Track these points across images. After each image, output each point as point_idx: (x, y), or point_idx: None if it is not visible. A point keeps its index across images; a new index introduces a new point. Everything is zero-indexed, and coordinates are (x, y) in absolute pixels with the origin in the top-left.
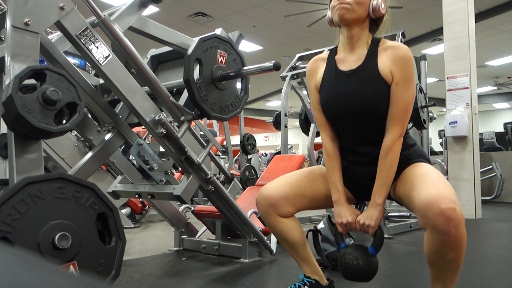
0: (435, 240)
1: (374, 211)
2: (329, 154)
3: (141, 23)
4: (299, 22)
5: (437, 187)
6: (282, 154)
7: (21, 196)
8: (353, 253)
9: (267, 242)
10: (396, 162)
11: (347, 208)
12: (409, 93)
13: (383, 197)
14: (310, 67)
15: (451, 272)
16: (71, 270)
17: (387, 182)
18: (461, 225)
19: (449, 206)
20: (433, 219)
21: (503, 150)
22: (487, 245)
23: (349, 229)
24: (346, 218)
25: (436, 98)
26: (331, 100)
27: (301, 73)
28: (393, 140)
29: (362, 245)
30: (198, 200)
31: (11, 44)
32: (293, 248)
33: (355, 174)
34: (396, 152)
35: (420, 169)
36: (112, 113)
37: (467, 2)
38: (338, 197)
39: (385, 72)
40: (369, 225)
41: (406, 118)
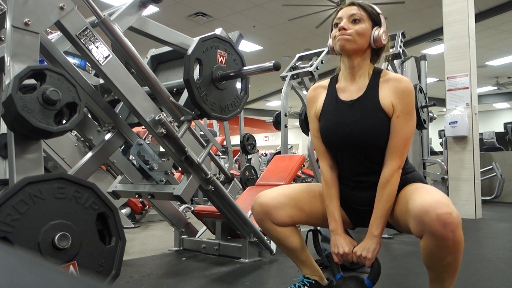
0: (432, 245)
1: (371, 243)
2: (327, 182)
3: (141, 23)
4: (299, 22)
5: (431, 194)
6: (282, 154)
7: (21, 196)
8: (349, 285)
9: (267, 242)
10: (394, 194)
11: (344, 238)
12: (410, 126)
13: (380, 229)
14: (311, 95)
15: (449, 274)
16: (71, 270)
17: (384, 214)
18: (458, 229)
19: (445, 211)
20: (430, 224)
21: (503, 150)
22: (487, 245)
23: (345, 259)
24: (343, 249)
25: (436, 98)
26: (331, 129)
27: (301, 73)
28: (391, 172)
29: (358, 277)
30: (198, 200)
31: (11, 44)
32: (292, 253)
33: (352, 198)
34: (394, 184)
35: (415, 185)
36: (112, 113)
37: (467, 2)
38: (335, 227)
39: (386, 104)
40: (366, 257)
41: (405, 150)
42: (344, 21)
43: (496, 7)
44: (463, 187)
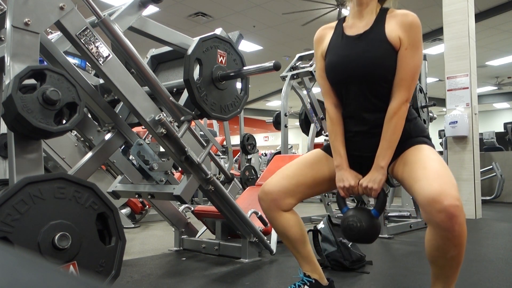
0: (437, 236)
1: (377, 174)
2: (332, 120)
3: (141, 23)
4: (299, 22)
5: (440, 180)
6: (282, 154)
7: (21, 196)
8: (356, 215)
9: (267, 242)
10: (401, 127)
11: (349, 172)
12: (417, 59)
13: (387, 160)
14: (318, 35)
15: (452, 269)
16: (71, 270)
17: (391, 145)
18: (463, 222)
19: (453, 203)
20: (436, 216)
21: (503, 150)
22: (487, 245)
23: (351, 193)
24: (349, 182)
25: (436, 98)
26: (337, 62)
27: (301, 73)
28: (399, 104)
29: (365, 208)
30: (198, 200)
31: (11, 44)
32: (294, 245)
33: (355, 145)
34: (401, 117)
35: (422, 155)
36: (112, 113)
37: (467, 2)
38: (340, 162)
39: (393, 37)
40: (372, 188)
41: (412, 84)
42: None
43: (496, 7)
44: (463, 187)
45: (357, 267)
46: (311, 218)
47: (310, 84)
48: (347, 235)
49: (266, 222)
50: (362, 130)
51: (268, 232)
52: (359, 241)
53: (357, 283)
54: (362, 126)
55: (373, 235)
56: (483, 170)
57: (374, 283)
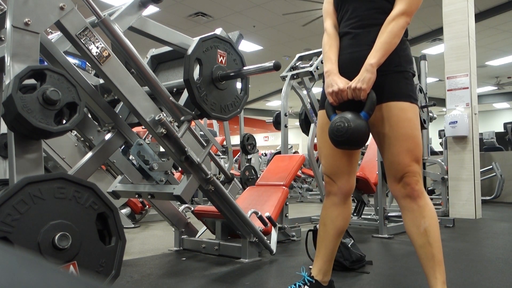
0: (405, 211)
1: (366, 73)
2: (329, 34)
3: (141, 23)
4: (299, 22)
5: (404, 157)
6: (282, 154)
7: (21, 196)
8: (344, 117)
9: (267, 242)
10: (396, 34)
11: (338, 76)
12: None
13: (377, 60)
14: None
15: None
16: (71, 270)
17: (384, 47)
18: (422, 194)
19: (413, 180)
20: (398, 190)
21: (503, 150)
22: (487, 245)
23: (340, 98)
24: (338, 86)
25: (436, 98)
26: None
27: (301, 73)
28: (397, 13)
29: (354, 111)
30: (198, 200)
31: (11, 44)
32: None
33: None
34: (399, 24)
35: (404, 126)
36: (112, 113)
37: (467, 2)
38: (330, 67)
39: None
40: (361, 88)
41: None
42: None
43: (496, 7)
44: (463, 187)
45: (357, 267)
46: (311, 218)
47: (310, 84)
48: (335, 138)
49: (266, 222)
50: (355, 43)
51: (268, 232)
52: (348, 144)
53: (357, 283)
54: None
55: (361, 137)
56: (483, 170)
57: (374, 283)
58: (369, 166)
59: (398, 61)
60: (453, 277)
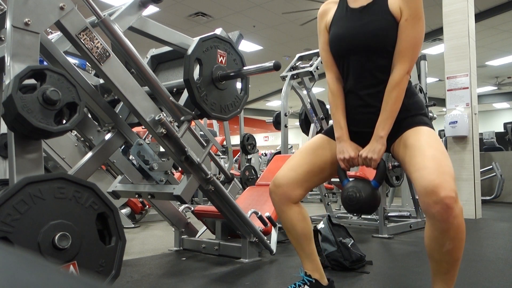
0: (434, 228)
1: (377, 144)
2: (333, 93)
3: (141, 23)
4: (299, 22)
5: (438, 171)
6: (282, 154)
7: (21, 196)
8: (356, 186)
9: (267, 242)
10: (401, 98)
11: (349, 144)
12: (418, 30)
13: (386, 131)
14: (322, 9)
15: (449, 265)
16: (71, 270)
17: (391, 116)
18: (460, 215)
19: (448, 195)
20: (433, 207)
21: (503, 150)
22: (487, 245)
23: (351, 164)
24: (349, 154)
25: (436, 98)
26: (340, 34)
27: (301, 73)
28: (400, 76)
29: (364, 179)
30: (198, 200)
31: (11, 44)
32: (299, 241)
33: (354, 121)
34: (402, 88)
35: (422, 140)
36: (112, 113)
37: (467, 2)
38: (341, 134)
39: (394, 8)
40: (372, 158)
41: (414, 56)
42: None
43: (496, 7)
44: (463, 187)
45: (357, 267)
46: (311, 218)
47: (310, 84)
48: (347, 206)
49: (266, 222)
50: (362, 104)
51: (268, 232)
52: (359, 212)
53: (357, 283)
54: (362, 101)
55: (373, 205)
56: (483, 170)
57: (374, 283)
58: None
59: (408, 112)
60: None
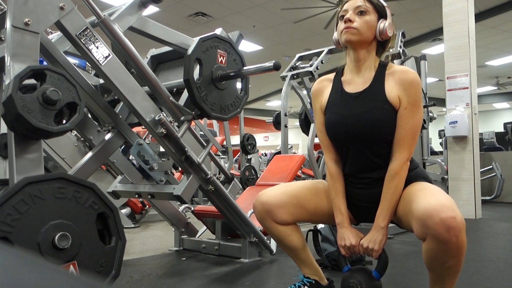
0: (435, 249)
1: (378, 235)
2: (332, 176)
3: (141, 23)
4: (300, 22)
5: (435, 196)
6: (282, 154)
7: (21, 196)
8: (357, 277)
9: (267, 242)
10: (401, 187)
11: (350, 230)
12: (417, 118)
13: (387, 221)
14: (316, 88)
15: (450, 277)
16: (71, 270)
17: (391, 206)
18: (461, 233)
19: (449, 215)
20: (433, 228)
21: (503, 150)
22: (487, 245)
23: (352, 252)
24: (350, 241)
25: (436, 98)
26: (336, 122)
27: (301, 73)
28: (400, 165)
29: (366, 269)
30: (198, 200)
31: (11, 44)
32: (292, 252)
33: (356, 195)
34: (402, 177)
35: (419, 185)
36: (112, 113)
37: (467, 2)
38: (341, 220)
39: (392, 97)
40: (373, 249)
41: (413, 143)
42: (350, 13)
43: (496, 7)
44: (463, 187)
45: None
46: None
47: (310, 84)
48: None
49: None
50: (362, 187)
51: None
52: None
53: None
54: (362, 184)
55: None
56: (483, 170)
57: None
58: None
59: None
60: None
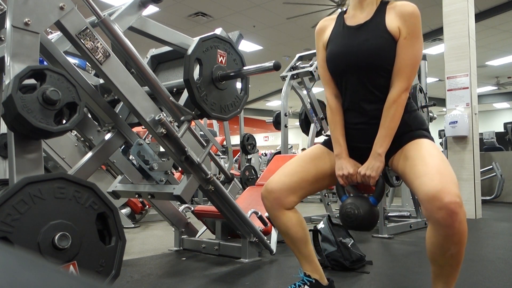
0: (437, 233)
1: (375, 162)
2: (332, 110)
3: (141, 23)
4: (299, 22)
5: (440, 177)
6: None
7: (21, 196)
8: (354, 203)
9: (267, 242)
10: (399, 115)
11: (348, 161)
12: (416, 49)
13: (385, 148)
14: (319, 26)
15: (452, 268)
16: (71, 270)
17: (389, 133)
18: (464, 220)
19: (453, 200)
20: (437, 213)
21: (503, 150)
22: (487, 245)
23: (350, 181)
24: (348, 170)
25: (436, 98)
26: (337, 52)
27: (301, 73)
28: (398, 93)
29: (363, 196)
30: (198, 200)
31: (11, 44)
32: (295, 245)
33: (353, 137)
34: (401, 105)
35: (423, 150)
36: (112, 113)
37: (467, 2)
38: (340, 151)
39: (392, 27)
40: (370, 176)
41: (412, 74)
42: None
43: (496, 7)
44: (463, 187)
45: (357, 267)
46: (311, 218)
47: (310, 84)
48: (345, 223)
49: (266, 222)
50: (361, 121)
51: (268, 232)
52: (357, 229)
53: (357, 283)
54: (361, 117)
55: (371, 222)
56: (483, 170)
57: (374, 283)
58: None
59: (409, 127)
60: None
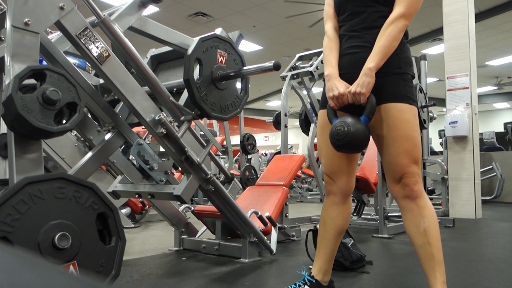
0: (405, 211)
1: (365, 78)
2: (329, 37)
3: (141, 23)
4: (299, 22)
5: (408, 160)
6: (282, 154)
7: (21, 196)
8: (344, 121)
9: (267, 242)
10: (395, 38)
11: (339, 80)
12: None
13: (376, 63)
14: None
15: (432, 248)
16: (71, 270)
17: (382, 51)
18: (423, 194)
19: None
20: (399, 191)
21: (503, 150)
22: (487, 245)
23: (341, 102)
24: (338, 90)
25: (436, 98)
26: None
27: (301, 73)
28: (396, 15)
29: (354, 115)
30: (198, 200)
31: (11, 44)
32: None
33: (344, 63)
34: (398, 27)
35: (402, 127)
36: (112, 113)
37: (467, 2)
38: (331, 71)
39: None
40: (360, 93)
41: (412, 5)
42: None
43: (496, 7)
44: (463, 187)
45: (357, 267)
46: (311, 218)
47: (310, 84)
48: (335, 141)
49: (266, 222)
50: (354, 45)
51: (268, 232)
52: (347, 147)
53: (357, 283)
54: (355, 41)
55: (361, 140)
56: (483, 170)
57: (374, 283)
58: (369, 166)
59: (397, 63)
60: (453, 277)
